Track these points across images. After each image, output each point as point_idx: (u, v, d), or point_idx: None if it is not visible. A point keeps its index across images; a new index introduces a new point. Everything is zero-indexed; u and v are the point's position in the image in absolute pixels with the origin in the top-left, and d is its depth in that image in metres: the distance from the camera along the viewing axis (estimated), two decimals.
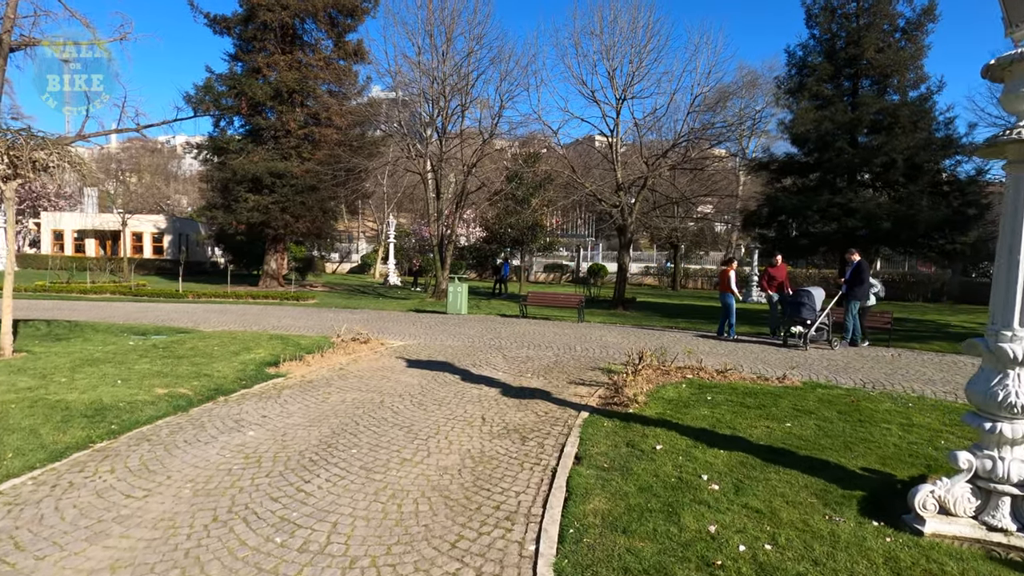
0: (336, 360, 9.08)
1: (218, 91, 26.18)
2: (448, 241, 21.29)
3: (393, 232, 33.57)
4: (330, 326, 13.20)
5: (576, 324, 14.89)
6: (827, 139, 15.45)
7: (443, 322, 14.66)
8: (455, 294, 16.53)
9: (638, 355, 8.08)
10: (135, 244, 39.75)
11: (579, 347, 10.67)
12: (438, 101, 20.27)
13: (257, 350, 9.61)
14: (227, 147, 25.84)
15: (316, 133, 25.84)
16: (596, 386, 7.60)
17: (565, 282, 42.99)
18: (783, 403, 6.70)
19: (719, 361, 9.31)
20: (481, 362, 9.14)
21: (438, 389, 7.28)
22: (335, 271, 47.45)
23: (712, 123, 17.31)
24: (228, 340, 10.57)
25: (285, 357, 8.80)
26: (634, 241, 52.81)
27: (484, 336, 12.19)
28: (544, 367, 8.81)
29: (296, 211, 25.23)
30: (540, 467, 4.73)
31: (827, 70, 16.02)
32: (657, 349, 8.97)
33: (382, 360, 9.22)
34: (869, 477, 4.59)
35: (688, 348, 8.38)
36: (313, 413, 6.16)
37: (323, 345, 10.14)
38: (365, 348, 10.20)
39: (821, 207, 15.05)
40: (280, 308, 17.76)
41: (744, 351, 10.73)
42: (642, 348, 8.72)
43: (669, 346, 11.02)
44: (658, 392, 7.11)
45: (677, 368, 8.37)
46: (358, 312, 17.04)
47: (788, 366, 9.21)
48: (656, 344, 11.29)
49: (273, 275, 27.35)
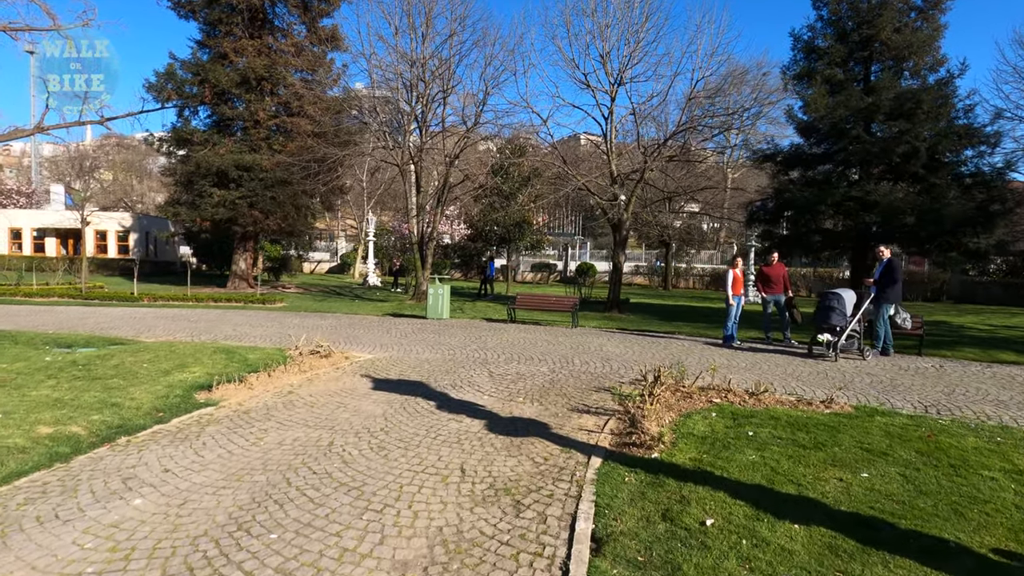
0: (286, 380, 7.52)
1: (181, 78, 24.33)
2: (429, 239, 19.72)
3: (373, 230, 31.88)
4: (291, 335, 11.60)
5: (570, 330, 13.43)
6: (841, 127, 14.16)
7: (421, 329, 13.12)
8: (436, 297, 14.99)
9: (653, 374, 6.63)
10: (98, 243, 37.56)
11: (577, 360, 9.19)
12: (417, 87, 18.67)
13: (193, 368, 8.01)
14: (191, 139, 24.00)
15: (288, 123, 24.08)
16: (604, 415, 6.13)
17: (553, 282, 41.58)
18: (844, 439, 5.29)
19: (744, 378, 7.90)
20: (463, 381, 7.63)
21: (406, 422, 5.76)
22: (313, 271, 45.58)
23: (712, 112, 15.98)
24: (165, 354, 8.95)
25: (224, 377, 7.23)
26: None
27: (467, 346, 10.67)
28: (538, 388, 7.32)
29: (266, 207, 23.46)
30: (544, 562, 3.24)
31: (839, 53, 14.73)
32: (672, 365, 7.53)
33: (343, 380, 7.67)
34: (1012, 567, 3.19)
35: (713, 365, 6.94)
36: (235, 464, 4.61)
37: (275, 360, 8.57)
38: (325, 364, 8.64)
39: (836, 201, 13.75)
40: (241, 313, 16.08)
41: (767, 364, 9.34)
42: (655, 364, 7.29)
43: (679, 357, 9.62)
44: (684, 424, 5.66)
45: (700, 389, 6.93)
46: (328, 317, 15.43)
47: (825, 383, 7.83)
48: (663, 354, 9.89)
49: (242, 276, 25.54)
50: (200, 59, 24.70)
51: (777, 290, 11.59)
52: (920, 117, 13.45)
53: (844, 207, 13.81)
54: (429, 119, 19.33)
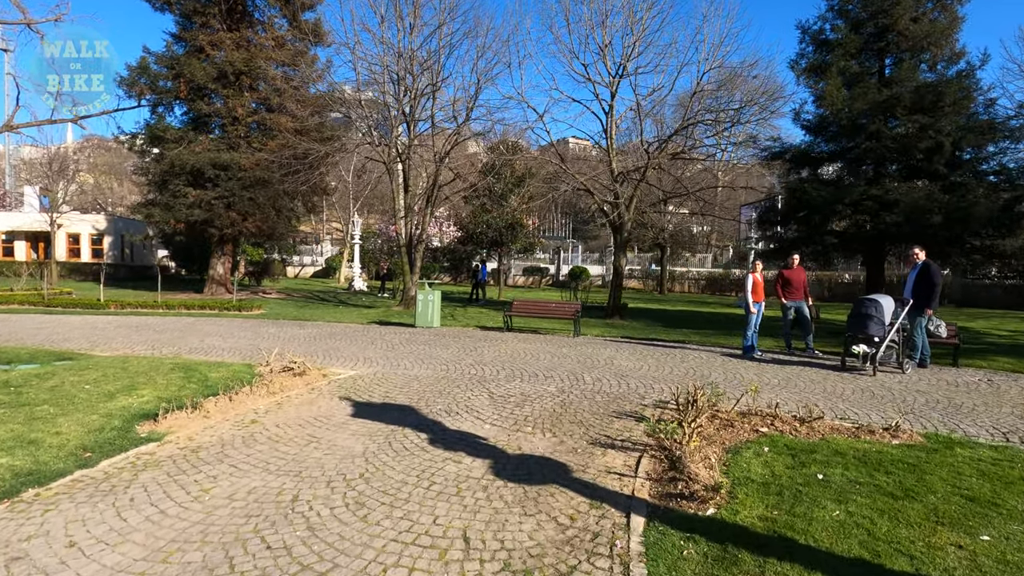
0: (251, 405, 6.38)
1: (155, 73, 23.03)
2: (418, 241, 18.60)
3: (359, 232, 30.67)
4: (265, 348, 10.43)
5: (572, 340, 12.38)
6: (859, 122, 13.28)
7: (410, 339, 12.00)
8: (425, 303, 13.87)
9: (687, 396, 5.60)
10: (71, 246, 35.92)
11: (588, 377, 8.12)
12: (404, 80, 17.58)
13: (143, 390, 6.84)
14: (164, 136, 22.67)
15: (268, 120, 22.86)
16: (634, 450, 5.07)
17: (545, 286, 40.58)
18: (935, 483, 4.28)
19: (782, 398, 6.89)
20: (459, 405, 6.53)
21: (392, 463, 4.66)
22: (298, 275, 44.21)
23: (718, 107, 15.03)
24: (115, 372, 7.78)
25: (176, 403, 6.08)
26: (611, 245, 50.78)
27: (462, 360, 9.57)
28: (548, 413, 6.25)
29: (244, 208, 22.19)
30: None
31: (854, 43, 13.85)
32: (704, 384, 6.50)
33: (318, 404, 6.54)
34: None
35: (753, 386, 5.85)
36: (166, 533, 3.49)
37: (240, 379, 7.42)
38: (299, 383, 7.50)
39: (854, 200, 12.84)
40: (213, 321, 14.84)
41: (801, 379, 8.35)
42: (678, 380, 6.25)
43: (700, 371, 8.61)
44: (736, 465, 4.62)
45: (740, 415, 5.90)
46: (307, 326, 14.23)
47: (874, 403, 6.85)
48: (682, 368, 8.86)
49: (220, 281, 24.21)
50: (175, 53, 23.43)
51: (798, 296, 10.64)
52: (944, 111, 12.61)
53: (862, 207, 12.92)
54: (418, 114, 18.25)
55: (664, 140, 15.49)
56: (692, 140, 15.56)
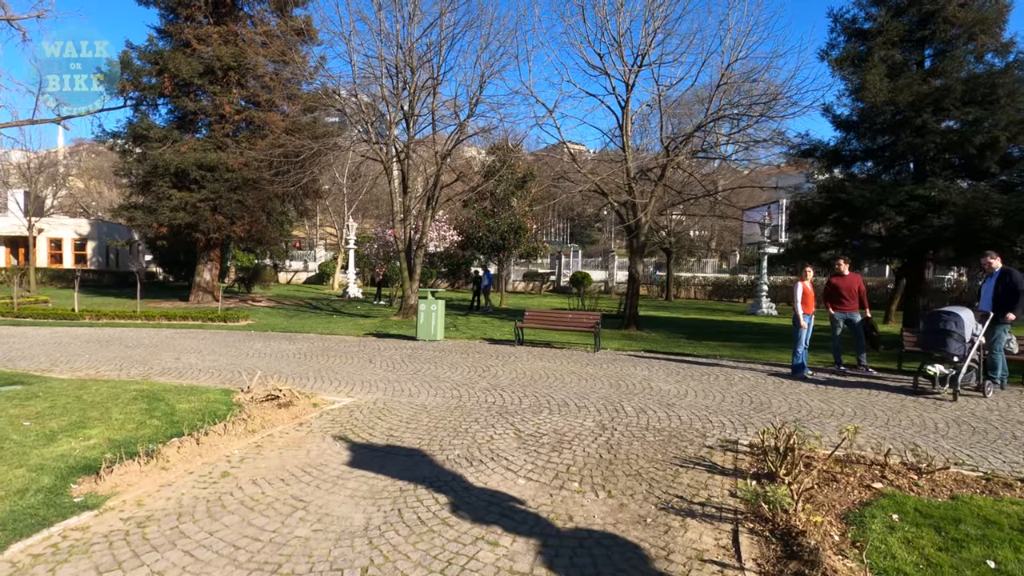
0: (224, 450, 5.14)
1: (138, 68, 21.77)
2: (418, 246, 17.37)
3: (354, 237, 29.40)
4: (247, 367, 9.18)
5: (593, 355, 11.17)
6: (905, 115, 12.19)
7: (413, 356, 10.75)
8: (428, 314, 12.64)
9: (779, 441, 4.42)
10: (53, 252, 34.50)
11: (628, 406, 6.90)
12: (403, 73, 16.40)
13: (92, 428, 5.60)
14: (148, 135, 21.39)
15: (257, 119, 21.63)
16: (721, 519, 3.87)
17: (546, 292, 39.41)
18: None
19: (870, 434, 5.72)
20: (481, 450, 5.31)
21: (406, 549, 3.44)
22: (290, 281, 42.84)
23: (746, 100, 13.91)
24: (65, 403, 6.52)
25: (129, 449, 4.85)
26: (612, 250, 49.52)
27: (475, 383, 8.34)
28: (596, 461, 5.03)
29: (231, 211, 20.90)
30: None
31: (896, 31, 12.76)
32: (785, 422, 5.31)
33: (307, 446, 5.31)
34: None
35: (851, 427, 4.65)
36: None
37: (214, 412, 6.18)
38: (285, 416, 6.26)
39: (900, 200, 11.73)
40: (194, 335, 13.55)
41: (875, 406, 7.17)
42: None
43: (752, 396, 7.41)
44: (871, 544, 3.42)
45: (836, 462, 4.72)
46: (297, 340, 12.97)
47: (978, 438, 5.68)
48: (732, 392, 7.65)
49: (207, 288, 22.89)
50: (159, 47, 22.18)
51: (851, 307, 9.49)
52: (1000, 103, 11.53)
53: (906, 208, 11.81)
54: (417, 111, 17.06)
55: (687, 135, 14.37)
56: (715, 136, 14.44)
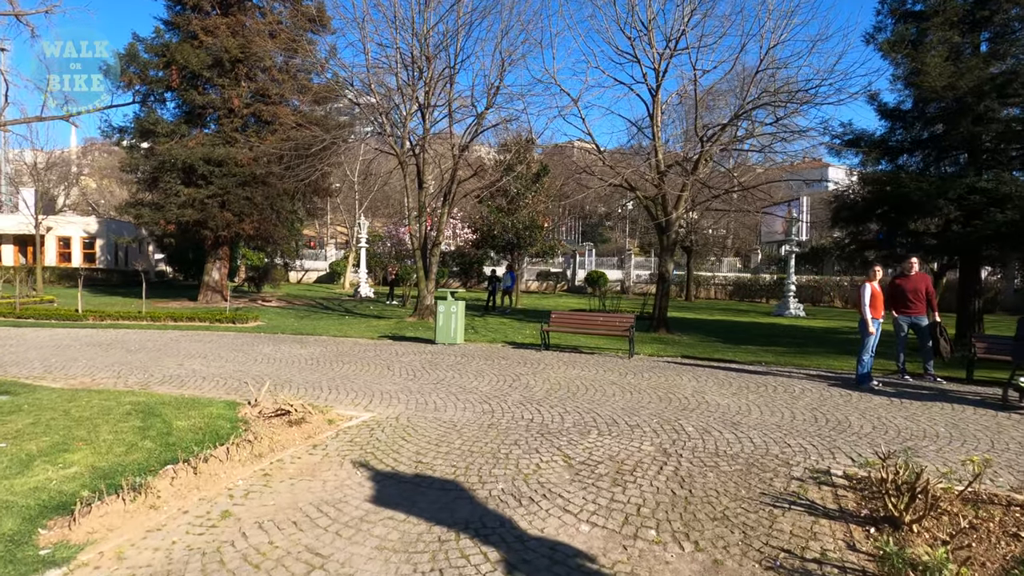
0: (225, 481, 4.35)
1: (144, 61, 21.14)
2: (434, 244, 16.58)
3: (365, 235, 28.69)
4: (255, 375, 8.42)
5: (628, 361, 10.31)
6: (966, 101, 11.22)
7: (433, 362, 9.94)
8: (448, 316, 11.84)
9: (894, 478, 3.57)
10: (61, 251, 34.06)
11: (688, 426, 6.02)
12: (419, 63, 15.60)
13: (76, 453, 4.83)
14: (155, 129, 20.76)
15: (266, 113, 20.92)
16: None
17: (560, 291, 38.55)
18: None
19: (995, 468, 4.83)
20: (528, 483, 4.48)
21: None
22: (300, 280, 42.24)
23: (787, 87, 13.00)
24: (50, 419, 5.78)
25: (112, 481, 4.08)
26: (628, 248, 48.50)
27: (506, 395, 7.50)
28: (669, 499, 4.18)
29: (239, 208, 20.20)
30: None
31: (955, 11, 11.78)
32: (895, 450, 4.43)
33: (323, 475, 4.51)
34: None
35: (977, 459, 3.79)
36: None
37: (216, 430, 5.41)
38: (296, 436, 5.47)
39: (960, 194, 10.80)
40: (200, 337, 12.84)
41: (967, 425, 6.27)
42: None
43: (823, 411, 6.51)
44: None
45: (964, 503, 3.85)
46: (309, 343, 12.20)
47: None
48: (801, 408, 6.69)
49: (215, 287, 22.24)
50: (166, 40, 21.54)
51: (918, 310, 8.58)
52: None
53: (967, 202, 10.87)
54: (433, 102, 16.27)
55: (722, 125, 13.47)
56: (752, 126, 13.53)
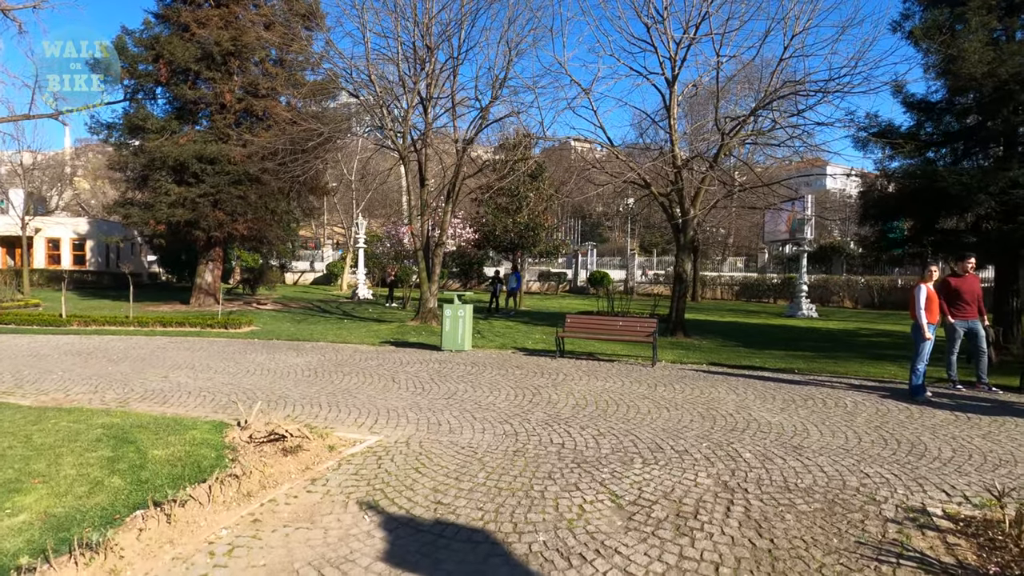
0: (206, 530, 3.57)
1: (133, 55, 20.33)
2: (437, 244, 15.80)
3: (363, 235, 27.89)
4: (247, 388, 7.64)
5: (653, 370, 9.55)
6: (1008, 89, 10.53)
7: (442, 372, 9.16)
8: (455, 320, 11.07)
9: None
10: (51, 252, 33.16)
11: (743, 450, 5.25)
12: (420, 52, 14.83)
13: (26, 496, 4.04)
14: (144, 126, 19.95)
15: (259, 108, 20.12)
16: None
17: (563, 292, 37.81)
18: None
19: None
20: (575, 532, 3.72)
21: None
22: (297, 282, 41.40)
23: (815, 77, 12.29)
24: (7, 447, 5.00)
25: (65, 535, 3.31)
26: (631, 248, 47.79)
27: (528, 412, 6.72)
28: (747, 553, 3.42)
29: (232, 207, 19.40)
30: None
31: None
32: (1007, 490, 3.69)
33: (323, 521, 3.74)
34: None
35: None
36: None
37: (198, 464, 4.63)
38: (292, 466, 4.69)
39: (1003, 188, 10.10)
40: (190, 344, 12.04)
41: None
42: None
43: (888, 430, 5.72)
44: None
45: None
46: (306, 351, 11.41)
47: None
48: (862, 426, 5.88)
49: (208, 290, 21.43)
50: (156, 32, 20.74)
51: (971, 313, 7.86)
52: None
53: (1008, 197, 10.18)
54: (436, 95, 15.50)
55: (743, 117, 12.76)
56: (778, 115, 12.78)
